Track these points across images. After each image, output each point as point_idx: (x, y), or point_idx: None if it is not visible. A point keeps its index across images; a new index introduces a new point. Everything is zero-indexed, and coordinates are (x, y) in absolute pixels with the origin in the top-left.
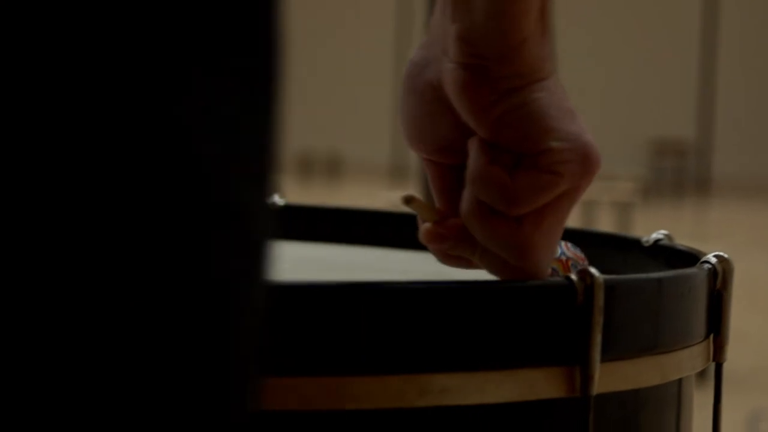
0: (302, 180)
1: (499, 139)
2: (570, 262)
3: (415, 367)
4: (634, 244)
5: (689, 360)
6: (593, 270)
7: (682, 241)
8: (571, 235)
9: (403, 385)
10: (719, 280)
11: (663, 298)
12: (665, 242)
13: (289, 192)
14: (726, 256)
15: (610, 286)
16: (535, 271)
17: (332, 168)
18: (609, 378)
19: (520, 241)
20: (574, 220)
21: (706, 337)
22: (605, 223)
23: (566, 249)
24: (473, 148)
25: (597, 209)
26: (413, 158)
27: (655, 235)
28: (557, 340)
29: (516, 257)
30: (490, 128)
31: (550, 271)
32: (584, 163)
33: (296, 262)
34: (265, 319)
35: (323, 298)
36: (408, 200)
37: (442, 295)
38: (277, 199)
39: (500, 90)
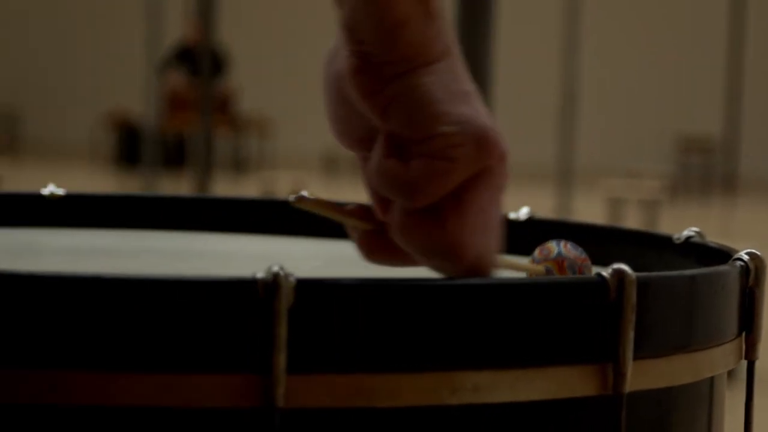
0: (328, 178)
1: (391, 127)
2: (566, 263)
3: (447, 364)
4: (666, 241)
5: (722, 358)
6: (625, 267)
7: (709, 239)
8: (603, 233)
9: (435, 382)
10: (752, 278)
11: (696, 295)
12: (696, 239)
13: (316, 189)
14: (758, 253)
15: (642, 284)
16: (477, 268)
17: (358, 165)
18: (641, 376)
19: (450, 242)
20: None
21: (739, 334)
22: (632, 221)
23: (564, 249)
24: (374, 147)
25: (624, 207)
26: None
27: (686, 233)
28: (589, 337)
29: (452, 259)
30: (381, 116)
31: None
32: (479, 147)
33: (329, 259)
34: None
35: (354, 294)
36: (298, 200)
37: (475, 292)
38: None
39: (387, 76)
